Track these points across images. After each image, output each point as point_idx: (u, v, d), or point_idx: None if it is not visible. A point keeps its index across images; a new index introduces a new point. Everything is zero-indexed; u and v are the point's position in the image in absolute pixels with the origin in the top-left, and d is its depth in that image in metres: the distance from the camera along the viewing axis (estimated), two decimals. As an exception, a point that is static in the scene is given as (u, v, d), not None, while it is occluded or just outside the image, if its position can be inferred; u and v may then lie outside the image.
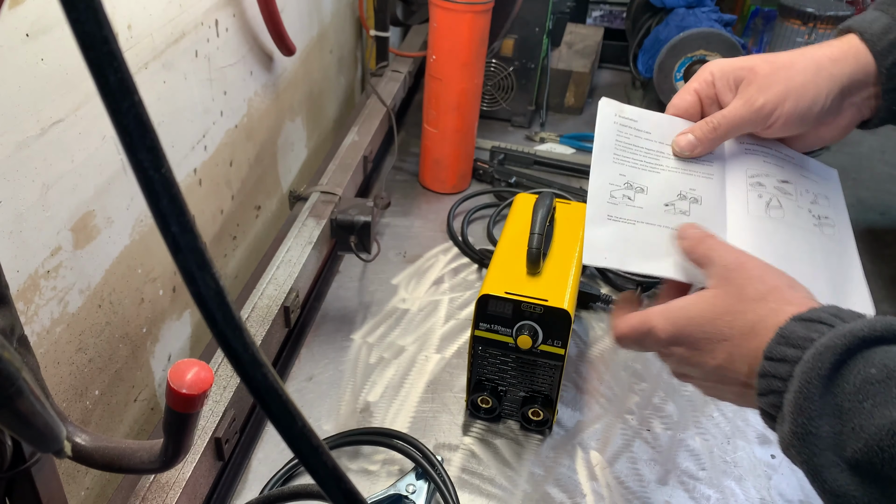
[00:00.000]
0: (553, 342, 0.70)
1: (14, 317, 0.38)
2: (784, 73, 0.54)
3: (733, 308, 0.46)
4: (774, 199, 0.62)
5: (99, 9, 0.20)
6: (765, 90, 0.54)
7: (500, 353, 0.73)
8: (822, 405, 0.38)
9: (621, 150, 0.63)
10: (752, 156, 0.66)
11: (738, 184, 0.63)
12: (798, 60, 0.55)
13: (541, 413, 0.75)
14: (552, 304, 0.68)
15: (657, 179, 0.62)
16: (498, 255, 0.75)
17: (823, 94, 0.54)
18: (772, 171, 0.64)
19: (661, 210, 0.60)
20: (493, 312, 0.70)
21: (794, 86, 0.54)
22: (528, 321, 0.70)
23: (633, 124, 0.65)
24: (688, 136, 0.59)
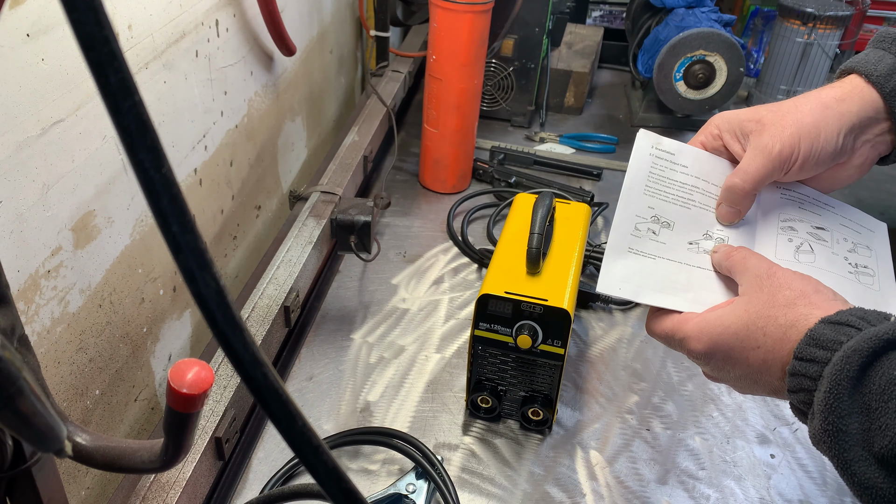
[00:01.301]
0: (553, 342, 0.70)
1: (15, 316, 0.38)
2: (791, 116, 0.54)
3: (765, 313, 0.49)
4: (806, 244, 0.61)
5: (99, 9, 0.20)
6: (777, 136, 0.54)
7: (500, 353, 0.73)
8: (851, 404, 0.41)
9: (654, 183, 0.62)
10: (788, 202, 0.64)
11: (769, 227, 0.62)
12: (802, 104, 0.55)
13: (540, 413, 0.75)
14: (552, 303, 0.69)
15: (686, 215, 0.61)
16: (498, 255, 0.75)
17: (835, 132, 0.54)
18: (807, 217, 0.63)
19: (684, 247, 0.59)
20: (492, 312, 0.70)
21: (805, 127, 0.54)
22: (527, 321, 0.70)
23: (669, 157, 0.64)
24: (722, 207, 0.59)
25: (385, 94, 1.24)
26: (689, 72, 1.35)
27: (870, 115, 0.54)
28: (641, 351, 0.88)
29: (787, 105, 0.56)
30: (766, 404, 0.81)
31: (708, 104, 1.40)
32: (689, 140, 0.63)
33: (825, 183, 0.61)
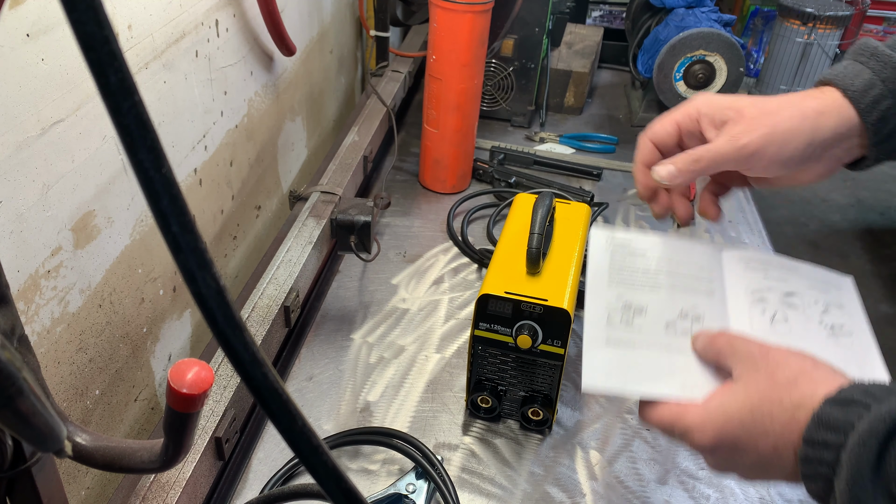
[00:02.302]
0: (553, 342, 0.70)
1: (15, 316, 0.38)
2: (770, 118, 0.55)
3: (769, 396, 0.48)
4: (780, 313, 0.61)
5: (99, 9, 0.20)
6: (750, 131, 0.55)
7: (500, 353, 0.73)
8: (874, 490, 0.40)
9: (617, 273, 0.62)
10: (754, 271, 0.65)
11: (740, 299, 0.62)
12: (785, 108, 0.55)
13: (540, 413, 0.75)
14: (552, 303, 0.68)
15: (656, 298, 0.61)
16: (498, 255, 0.75)
17: (805, 142, 0.55)
18: (775, 285, 0.63)
19: (661, 331, 0.59)
20: (492, 312, 0.70)
21: (779, 132, 0.55)
22: (527, 321, 0.70)
23: (627, 247, 0.64)
24: (668, 166, 0.58)
25: (385, 94, 1.24)
26: (689, 72, 1.35)
27: (843, 132, 0.55)
28: (641, 351, 0.88)
29: (770, 104, 0.55)
30: (766, 404, 0.81)
31: (708, 104, 1.40)
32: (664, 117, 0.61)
33: (784, 181, 0.61)
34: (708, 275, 0.64)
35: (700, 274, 0.64)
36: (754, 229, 1.14)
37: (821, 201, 3.14)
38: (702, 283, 0.63)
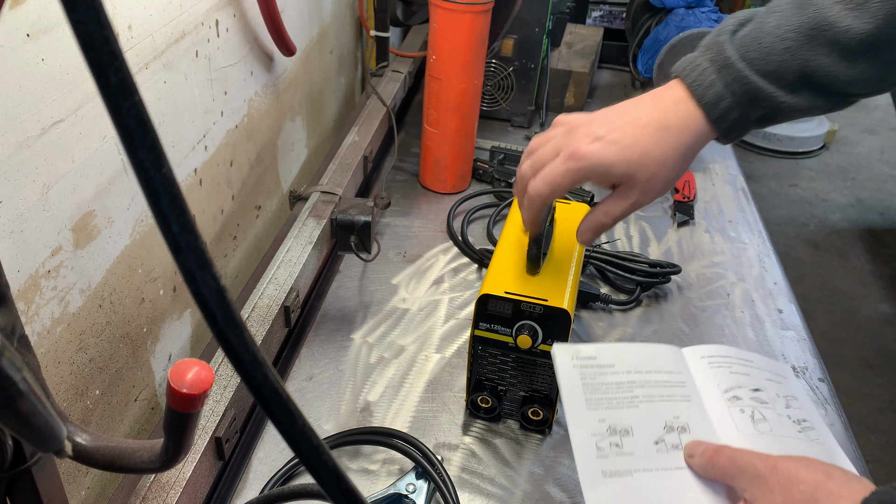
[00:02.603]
0: (553, 342, 0.70)
1: (15, 316, 0.38)
2: (662, 177, 0.62)
3: None
4: (756, 412, 0.64)
5: (100, 9, 0.20)
6: (647, 194, 0.63)
7: (500, 353, 0.73)
8: None
9: (591, 393, 0.62)
10: (718, 368, 0.68)
11: (716, 401, 0.65)
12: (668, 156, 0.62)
13: (540, 413, 0.75)
14: (552, 303, 0.68)
15: (638, 415, 0.61)
16: (498, 255, 0.75)
17: (682, 169, 0.64)
18: (742, 381, 0.67)
19: (653, 451, 0.59)
20: (492, 312, 0.70)
21: (669, 182, 0.63)
22: (527, 321, 0.70)
23: (593, 362, 0.65)
24: (588, 233, 0.66)
25: (385, 94, 1.24)
26: (689, 72, 1.35)
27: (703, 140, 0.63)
28: (641, 351, 0.88)
29: (652, 157, 0.61)
30: (766, 404, 0.81)
31: (708, 104, 1.40)
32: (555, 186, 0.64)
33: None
34: (678, 378, 0.66)
35: (671, 378, 0.66)
36: (754, 229, 1.14)
37: (821, 201, 3.14)
38: (675, 388, 0.65)
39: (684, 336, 0.91)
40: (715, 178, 1.28)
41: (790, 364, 0.88)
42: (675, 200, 1.18)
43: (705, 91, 0.60)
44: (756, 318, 0.95)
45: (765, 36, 0.59)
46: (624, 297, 0.97)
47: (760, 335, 0.92)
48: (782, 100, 0.59)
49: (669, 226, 1.14)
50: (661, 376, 0.66)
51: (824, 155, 3.51)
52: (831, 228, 2.96)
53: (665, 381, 0.65)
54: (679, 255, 1.07)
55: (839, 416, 0.81)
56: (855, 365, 2.32)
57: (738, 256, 1.07)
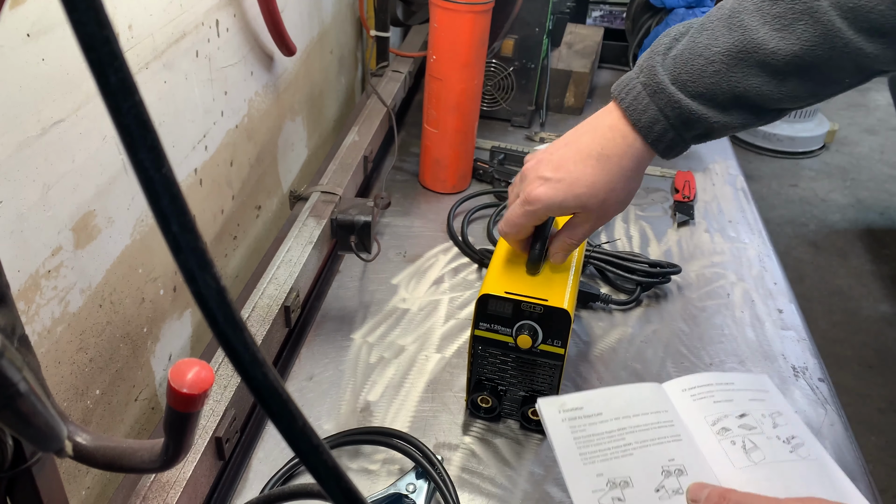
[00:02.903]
0: (553, 342, 0.70)
1: (15, 316, 0.38)
2: (612, 207, 0.68)
3: None
4: (747, 441, 0.65)
5: (100, 9, 0.20)
6: (605, 214, 0.69)
7: (500, 353, 0.73)
8: None
9: (585, 446, 0.63)
10: (701, 400, 0.70)
11: (706, 436, 0.66)
12: (617, 184, 0.66)
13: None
14: (552, 303, 0.68)
15: (634, 463, 0.62)
16: (498, 255, 0.75)
17: (632, 192, 0.68)
18: (727, 410, 0.68)
19: (655, 499, 0.60)
20: (492, 312, 0.70)
21: (620, 202, 0.68)
22: (527, 321, 0.70)
23: (580, 413, 0.66)
24: (559, 255, 0.72)
25: (385, 94, 1.24)
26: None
27: (645, 163, 0.66)
28: (641, 351, 0.88)
29: (599, 186, 0.65)
30: (766, 404, 0.81)
31: (708, 104, 1.40)
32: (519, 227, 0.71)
33: None
34: (665, 417, 0.67)
35: (658, 419, 0.67)
36: (754, 229, 1.14)
37: (821, 201, 3.14)
38: (664, 428, 0.66)
39: (684, 336, 0.91)
40: (715, 178, 1.28)
41: (790, 364, 0.88)
42: (675, 200, 1.18)
43: (640, 116, 0.63)
44: (756, 318, 0.95)
45: (696, 58, 0.60)
46: (624, 297, 0.97)
47: (760, 335, 0.92)
48: (715, 119, 0.61)
49: (669, 226, 1.14)
50: (648, 418, 0.67)
51: (824, 155, 3.51)
52: (831, 228, 2.96)
53: (654, 423, 0.67)
54: (679, 255, 1.07)
55: (839, 416, 0.81)
56: (855, 365, 2.31)
57: (738, 256, 1.07)
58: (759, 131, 3.43)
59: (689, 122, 0.61)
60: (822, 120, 3.50)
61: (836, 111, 3.84)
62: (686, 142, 0.64)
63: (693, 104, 0.60)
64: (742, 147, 3.48)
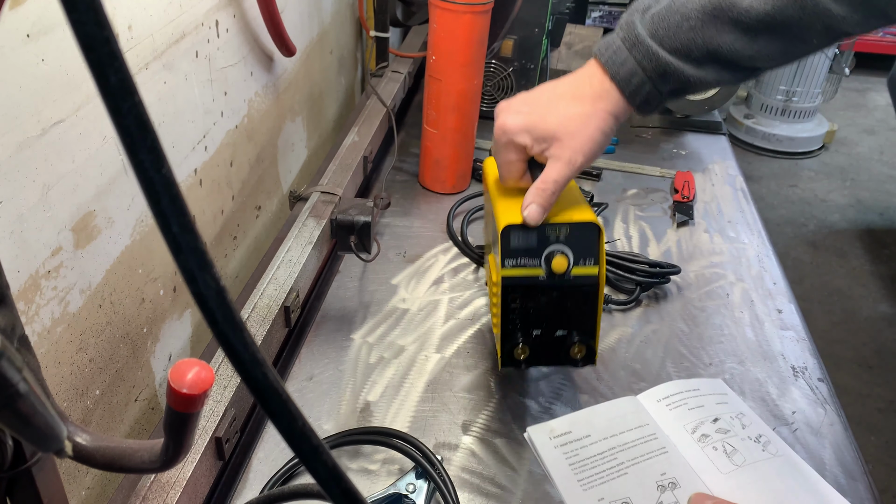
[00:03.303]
0: (584, 262, 0.67)
1: (15, 317, 0.38)
2: (583, 133, 0.66)
3: None
4: (727, 445, 0.69)
5: (100, 9, 0.20)
6: (578, 151, 0.66)
7: (531, 292, 0.69)
8: None
9: (580, 471, 0.66)
10: (677, 409, 0.72)
11: (688, 445, 0.69)
12: (591, 119, 0.66)
13: (583, 348, 0.71)
14: (578, 219, 0.66)
15: (630, 483, 0.64)
16: (497, 198, 0.72)
17: (608, 137, 0.68)
18: (701, 416, 0.71)
19: None
20: (516, 246, 0.67)
21: (594, 140, 0.66)
22: (555, 245, 0.67)
23: (570, 437, 0.68)
24: (532, 206, 0.66)
25: (385, 94, 1.24)
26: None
27: (621, 113, 0.67)
28: (641, 351, 0.88)
29: (571, 117, 0.66)
30: (766, 404, 0.81)
31: (708, 104, 1.40)
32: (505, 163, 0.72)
33: None
34: (648, 431, 0.70)
35: (642, 433, 0.70)
36: (754, 229, 1.14)
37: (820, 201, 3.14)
38: (650, 442, 0.69)
39: (684, 336, 0.91)
40: (714, 179, 1.28)
41: (790, 364, 0.88)
42: (675, 201, 1.18)
43: (619, 68, 0.65)
44: (755, 318, 0.95)
45: (672, 14, 0.63)
46: (624, 298, 0.97)
47: (760, 335, 0.92)
48: (690, 73, 0.63)
49: (669, 226, 1.14)
50: (633, 434, 0.70)
51: (824, 155, 3.51)
52: (830, 229, 2.96)
53: (639, 439, 0.69)
54: (678, 256, 1.07)
55: (839, 416, 0.81)
56: (854, 365, 2.31)
57: (737, 256, 1.07)
58: (759, 131, 3.43)
59: (665, 75, 0.63)
60: (821, 120, 3.50)
61: (836, 111, 3.84)
62: (662, 96, 0.65)
63: (669, 57, 0.63)
64: (741, 147, 3.48)
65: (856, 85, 4.18)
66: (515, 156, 0.70)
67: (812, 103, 3.34)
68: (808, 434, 0.77)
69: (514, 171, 0.71)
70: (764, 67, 0.64)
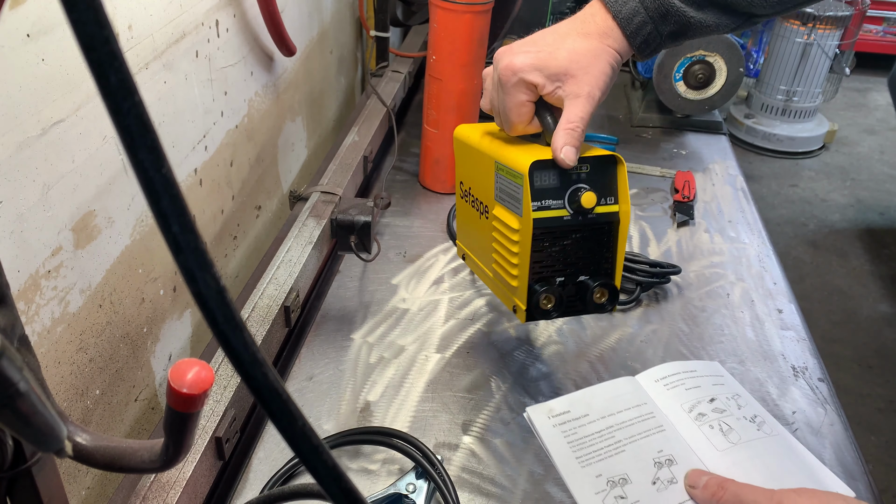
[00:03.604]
0: (606, 200, 0.66)
1: (15, 316, 0.38)
2: (595, 67, 0.66)
3: None
4: (723, 423, 0.69)
5: (100, 9, 0.20)
6: (595, 86, 0.65)
7: (558, 234, 0.67)
8: None
9: (579, 449, 0.66)
10: (674, 389, 0.73)
11: (686, 423, 0.70)
12: (593, 53, 0.66)
13: (605, 292, 0.70)
14: (596, 153, 0.66)
15: (628, 460, 0.65)
16: (501, 148, 0.71)
17: (614, 74, 0.68)
18: (698, 396, 0.72)
19: (653, 492, 0.62)
20: (540, 186, 0.65)
21: (607, 74, 0.66)
22: (578, 183, 0.66)
23: (568, 416, 0.69)
24: (567, 148, 0.65)
25: (385, 94, 1.24)
26: (689, 72, 1.35)
27: (624, 53, 0.67)
28: (641, 351, 0.88)
29: (580, 52, 0.65)
30: (766, 404, 0.81)
31: (708, 104, 1.40)
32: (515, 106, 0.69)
33: None
34: (646, 409, 0.71)
35: (640, 412, 0.71)
36: (754, 229, 1.14)
37: (820, 201, 3.14)
38: (647, 421, 0.70)
39: (684, 336, 0.91)
40: (715, 178, 1.28)
41: (790, 364, 0.88)
42: (675, 200, 1.18)
43: (621, 7, 0.66)
44: (756, 318, 0.95)
45: None
46: (624, 297, 0.97)
47: (760, 335, 0.92)
48: (691, 15, 0.65)
49: (669, 226, 1.14)
50: (631, 413, 0.70)
51: (824, 155, 3.51)
52: (831, 228, 2.96)
53: (637, 417, 0.70)
54: (679, 255, 1.07)
55: (839, 416, 0.81)
56: (855, 365, 2.31)
57: (737, 256, 1.07)
58: (760, 131, 3.43)
59: (667, 15, 0.65)
60: (821, 120, 3.50)
61: (836, 111, 3.84)
62: (662, 38, 0.66)
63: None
64: (742, 147, 3.48)
65: (856, 85, 4.18)
66: (526, 96, 0.67)
67: (812, 103, 3.34)
68: (808, 434, 0.77)
69: (525, 114, 0.68)
70: (760, 14, 0.65)
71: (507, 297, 0.72)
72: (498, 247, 0.71)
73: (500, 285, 0.74)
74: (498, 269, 0.72)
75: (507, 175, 0.68)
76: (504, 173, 0.69)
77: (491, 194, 0.73)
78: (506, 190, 0.69)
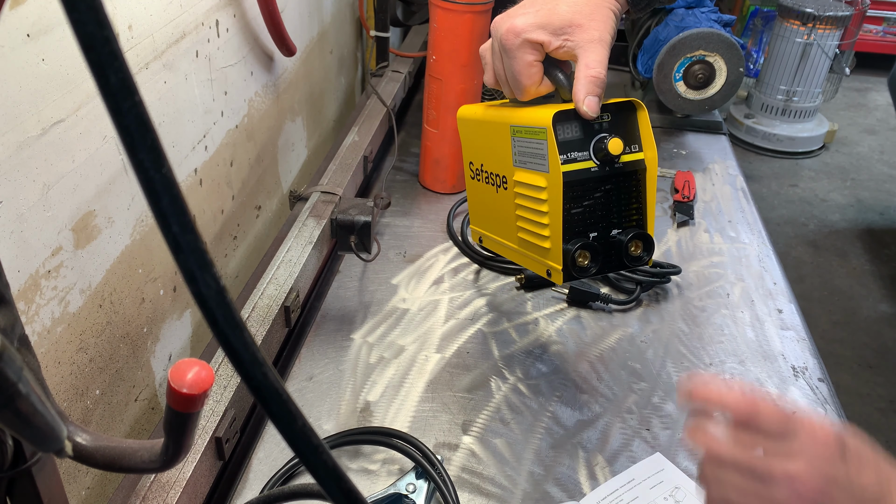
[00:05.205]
0: (630, 148, 0.65)
1: (15, 316, 0.38)
2: (599, 13, 0.65)
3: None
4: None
5: (100, 9, 0.20)
6: (604, 30, 0.65)
7: (587, 186, 0.65)
8: None
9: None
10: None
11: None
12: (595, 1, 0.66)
13: (639, 244, 0.68)
14: (615, 101, 0.65)
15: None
16: (514, 112, 0.70)
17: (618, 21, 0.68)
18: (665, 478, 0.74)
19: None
20: (563, 139, 0.64)
21: (612, 19, 0.66)
22: (601, 133, 0.65)
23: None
24: (590, 98, 0.64)
25: (385, 94, 1.24)
26: (689, 72, 1.35)
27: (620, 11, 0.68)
28: (641, 351, 0.88)
29: (587, 6, 0.65)
30: (766, 404, 0.81)
31: (708, 104, 1.40)
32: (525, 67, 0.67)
33: None
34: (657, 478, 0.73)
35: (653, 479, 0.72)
36: (754, 229, 1.14)
37: (820, 201, 3.14)
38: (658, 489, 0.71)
39: (684, 336, 0.91)
40: (715, 178, 1.28)
41: (790, 364, 0.88)
42: (675, 200, 1.18)
43: None
44: (756, 318, 0.95)
45: None
46: (624, 297, 0.97)
47: (760, 335, 0.92)
48: None
49: (669, 226, 1.14)
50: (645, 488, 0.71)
51: (824, 155, 3.51)
52: (831, 228, 2.96)
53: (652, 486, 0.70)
54: (679, 255, 1.07)
55: (839, 417, 0.81)
56: (855, 365, 2.31)
57: (737, 256, 1.07)
58: (760, 131, 3.43)
59: None
60: (821, 120, 3.50)
61: (836, 111, 3.84)
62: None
63: None
64: (742, 147, 3.48)
65: (856, 85, 4.18)
66: (533, 56, 0.66)
67: (812, 103, 3.34)
68: (808, 434, 0.77)
69: (535, 75, 0.67)
70: None
71: (540, 262, 0.70)
72: (524, 213, 0.70)
73: (529, 253, 0.72)
74: (525, 237, 0.71)
75: (527, 134, 0.67)
76: (523, 134, 0.68)
77: (509, 162, 0.71)
78: (526, 151, 0.68)
